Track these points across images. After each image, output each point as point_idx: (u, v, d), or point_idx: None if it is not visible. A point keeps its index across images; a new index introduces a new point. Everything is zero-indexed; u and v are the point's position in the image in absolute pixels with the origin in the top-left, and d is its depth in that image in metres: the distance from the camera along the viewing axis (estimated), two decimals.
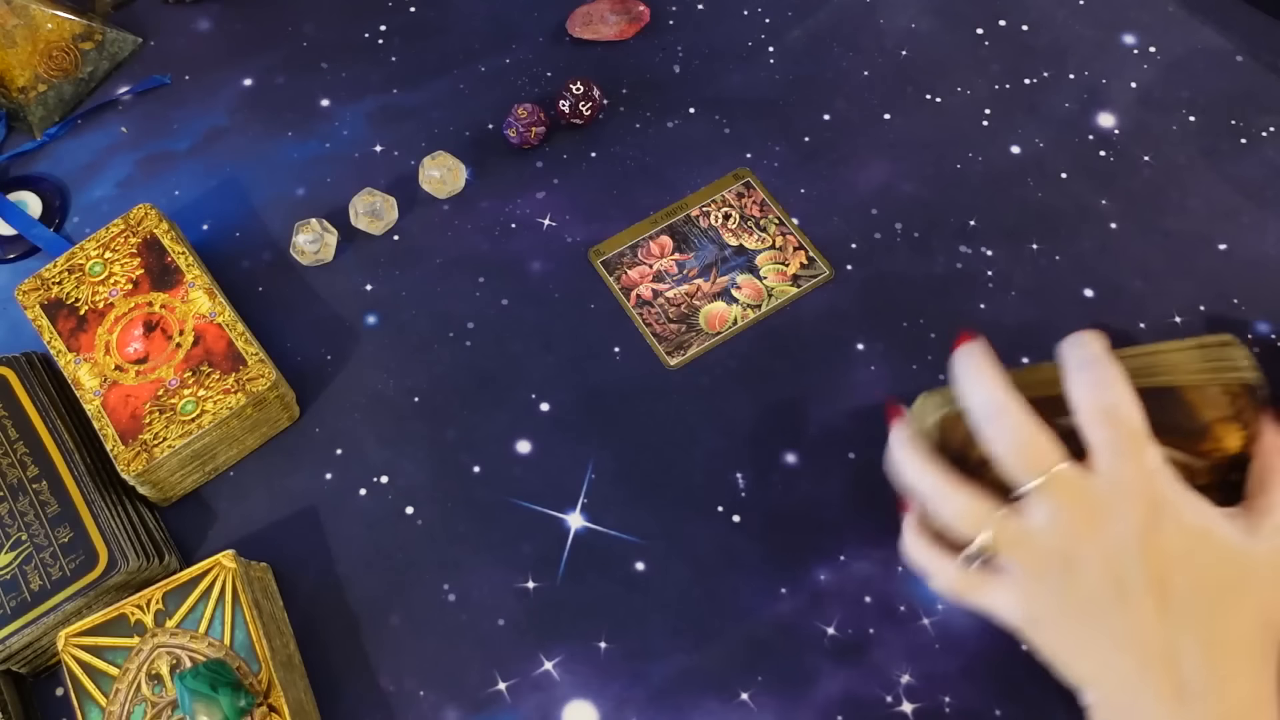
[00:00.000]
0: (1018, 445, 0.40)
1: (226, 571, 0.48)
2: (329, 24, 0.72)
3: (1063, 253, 0.61)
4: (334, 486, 0.56)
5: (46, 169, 0.67)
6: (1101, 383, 0.40)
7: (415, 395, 0.58)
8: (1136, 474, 0.39)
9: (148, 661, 0.47)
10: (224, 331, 0.55)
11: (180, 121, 0.68)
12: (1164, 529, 0.38)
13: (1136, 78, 0.67)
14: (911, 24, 0.70)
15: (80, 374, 0.54)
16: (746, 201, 0.63)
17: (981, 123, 0.66)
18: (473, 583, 0.53)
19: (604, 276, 0.61)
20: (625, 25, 0.69)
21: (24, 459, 0.52)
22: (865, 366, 0.58)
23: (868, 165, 0.64)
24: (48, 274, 0.57)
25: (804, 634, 0.51)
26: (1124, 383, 0.40)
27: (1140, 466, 0.39)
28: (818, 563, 0.52)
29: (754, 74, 0.68)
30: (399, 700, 0.50)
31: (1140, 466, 0.39)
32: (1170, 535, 0.38)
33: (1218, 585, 0.38)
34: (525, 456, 0.56)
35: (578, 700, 0.50)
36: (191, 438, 0.52)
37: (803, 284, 0.60)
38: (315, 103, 0.68)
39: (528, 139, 0.64)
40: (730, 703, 0.50)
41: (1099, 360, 0.41)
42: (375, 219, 0.62)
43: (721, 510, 0.54)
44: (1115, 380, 0.40)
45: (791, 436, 0.56)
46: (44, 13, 0.67)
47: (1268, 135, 0.64)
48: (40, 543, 0.50)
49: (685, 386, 0.58)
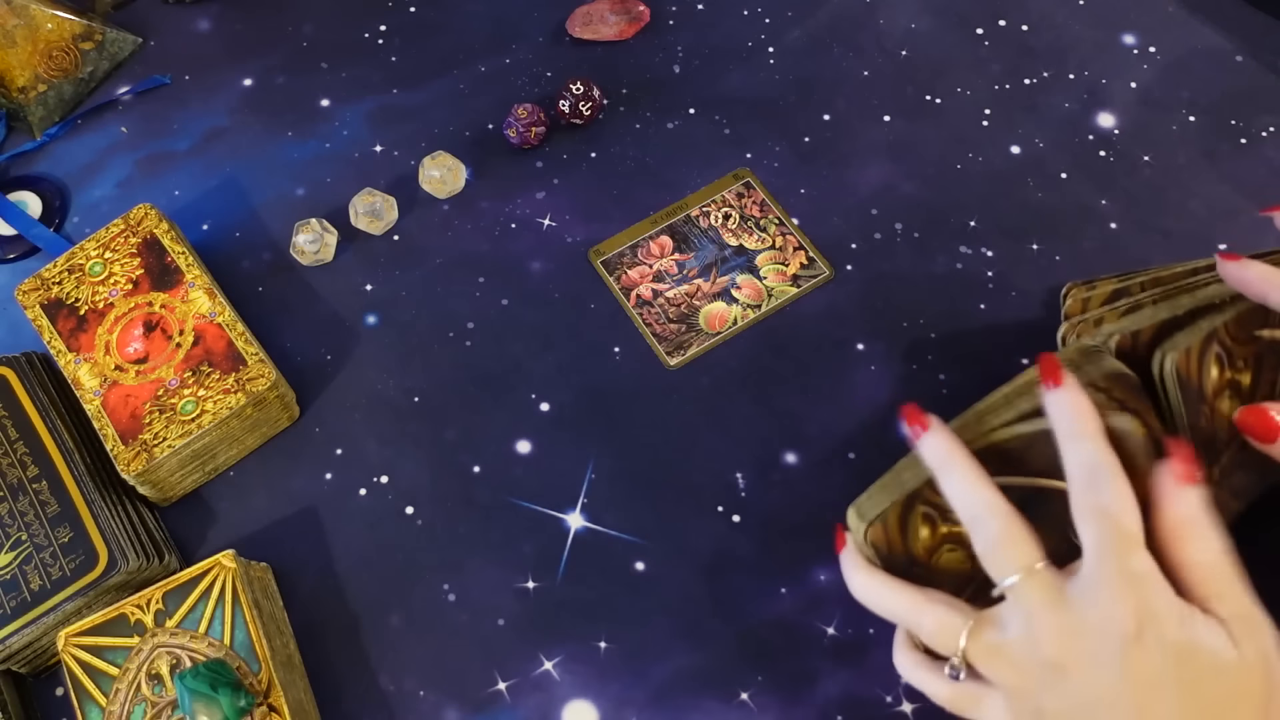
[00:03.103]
0: (996, 540, 0.38)
1: (226, 571, 0.48)
2: (329, 24, 0.72)
3: (1063, 253, 0.61)
4: (334, 486, 0.56)
5: (46, 169, 0.67)
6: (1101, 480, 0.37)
7: (415, 395, 0.58)
8: (1122, 581, 0.36)
9: (148, 661, 0.47)
10: (224, 331, 0.55)
11: (180, 121, 0.68)
12: (1145, 645, 0.35)
13: (1136, 78, 0.67)
14: (911, 24, 0.70)
15: (80, 374, 0.54)
16: (746, 201, 0.63)
17: (981, 123, 0.66)
18: (473, 583, 0.53)
19: (604, 276, 0.61)
20: (625, 25, 0.69)
21: (24, 459, 0.52)
22: (865, 366, 0.58)
23: (868, 165, 0.64)
24: (48, 274, 0.57)
25: (804, 634, 0.51)
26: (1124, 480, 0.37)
27: (1127, 573, 0.36)
28: (818, 563, 0.52)
29: (754, 74, 0.68)
30: (399, 700, 0.50)
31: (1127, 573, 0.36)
32: (1152, 653, 0.35)
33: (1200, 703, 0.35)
34: (525, 456, 0.56)
35: (578, 700, 0.50)
36: (191, 438, 0.52)
37: (803, 284, 0.60)
38: (315, 103, 0.68)
39: (528, 139, 0.64)
40: (730, 703, 0.50)
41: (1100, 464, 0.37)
42: (375, 219, 0.62)
43: (721, 510, 0.54)
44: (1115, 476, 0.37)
45: (791, 436, 0.56)
46: (44, 13, 0.67)
47: (1268, 135, 0.64)
48: (40, 543, 0.50)
49: (685, 386, 0.58)
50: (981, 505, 0.38)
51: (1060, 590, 0.37)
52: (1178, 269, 0.50)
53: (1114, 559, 0.36)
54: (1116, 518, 0.36)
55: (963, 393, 0.56)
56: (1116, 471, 0.37)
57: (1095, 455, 0.38)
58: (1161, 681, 0.35)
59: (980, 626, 0.38)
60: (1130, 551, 0.36)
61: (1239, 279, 0.42)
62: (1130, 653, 0.35)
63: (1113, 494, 0.37)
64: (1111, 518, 0.36)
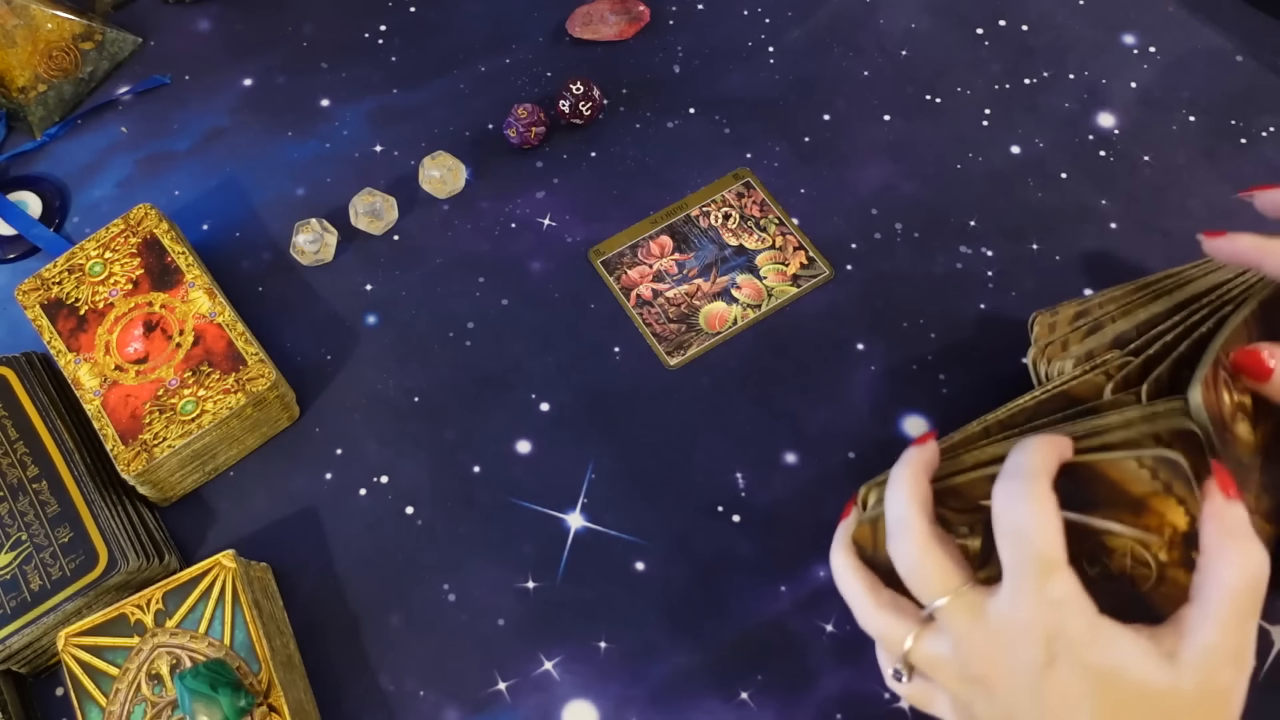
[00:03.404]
0: (919, 567, 0.38)
1: (226, 571, 0.48)
2: (329, 24, 0.72)
3: (1063, 253, 0.61)
4: (334, 486, 0.56)
5: (46, 169, 0.67)
6: (1019, 496, 0.36)
7: (415, 395, 0.58)
8: (1035, 605, 0.35)
9: (148, 661, 0.47)
10: (224, 331, 0.55)
11: (180, 121, 0.68)
12: (1059, 670, 0.35)
13: (1136, 78, 0.67)
14: (911, 24, 0.70)
15: (80, 374, 0.54)
16: (746, 201, 0.63)
17: (981, 123, 0.66)
18: (473, 583, 0.53)
19: (604, 276, 0.61)
20: (625, 25, 0.69)
21: (24, 459, 0.52)
22: (865, 366, 0.58)
23: (868, 165, 0.64)
24: (48, 274, 0.57)
25: (804, 633, 0.51)
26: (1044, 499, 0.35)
27: (1041, 597, 0.35)
28: (818, 562, 0.52)
29: (754, 74, 0.68)
30: (399, 700, 0.50)
31: (1041, 597, 0.35)
32: (1066, 677, 0.34)
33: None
34: (525, 456, 0.56)
35: (578, 700, 0.50)
36: (191, 438, 0.52)
37: (803, 284, 0.60)
38: (315, 103, 0.68)
39: (528, 139, 0.64)
40: (730, 702, 0.50)
41: (1027, 472, 0.36)
42: (375, 219, 0.62)
43: (721, 510, 0.54)
44: (1034, 495, 0.35)
45: (791, 436, 0.56)
46: (44, 13, 0.67)
47: (1268, 135, 0.64)
48: (40, 543, 0.50)
49: (685, 386, 0.58)
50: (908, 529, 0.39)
51: (984, 610, 0.36)
52: (1129, 286, 0.50)
53: (1030, 583, 0.35)
54: (1033, 539, 0.35)
55: (963, 393, 0.57)
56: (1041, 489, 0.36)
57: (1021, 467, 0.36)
58: (1079, 706, 0.34)
59: (920, 639, 0.38)
60: (1048, 576, 0.35)
61: (1231, 252, 0.43)
62: (1045, 676, 0.35)
63: (1032, 511, 0.35)
64: (1028, 539, 0.35)
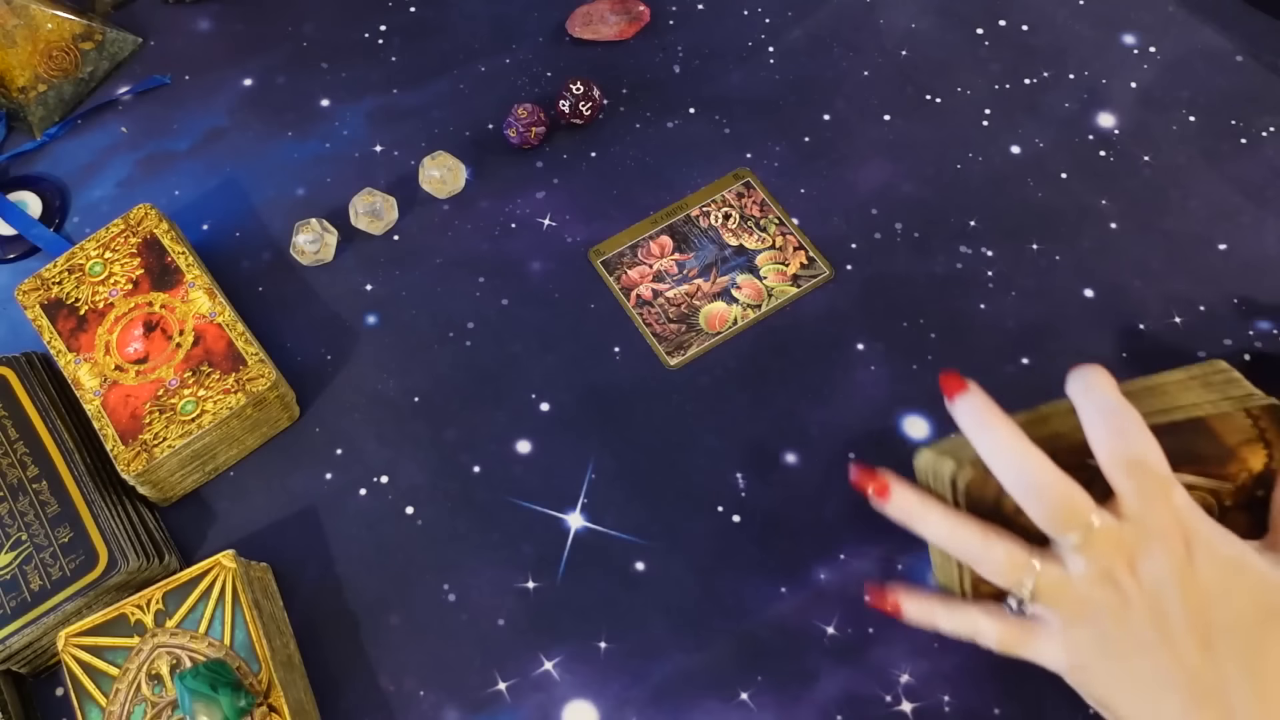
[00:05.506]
0: (1052, 506, 0.40)
1: (226, 571, 0.48)
2: (329, 24, 0.72)
3: (1063, 253, 0.61)
4: (334, 486, 0.56)
5: (46, 169, 0.67)
6: (1123, 431, 0.40)
7: (415, 395, 0.58)
8: (1168, 515, 0.39)
9: (148, 661, 0.47)
10: (224, 331, 0.55)
11: (180, 121, 0.68)
12: (1199, 565, 0.39)
13: (1136, 78, 0.67)
14: (911, 24, 0.70)
15: (80, 374, 0.54)
16: (746, 201, 0.63)
17: (981, 123, 0.66)
18: (473, 583, 0.53)
19: (604, 276, 0.61)
20: (625, 25, 0.69)
21: (24, 459, 0.52)
22: (865, 366, 0.58)
23: (868, 165, 0.64)
24: (48, 274, 0.57)
25: (804, 634, 0.51)
26: (1143, 428, 0.40)
27: (1170, 507, 0.39)
28: (818, 562, 0.52)
29: (754, 74, 0.68)
30: (399, 700, 0.50)
31: (1170, 507, 0.39)
32: (1206, 571, 0.39)
33: (1257, 616, 0.39)
34: (525, 456, 0.56)
35: (578, 700, 0.50)
36: (191, 438, 0.52)
37: (803, 284, 0.60)
38: (315, 103, 0.68)
39: (528, 139, 0.64)
40: (730, 703, 0.50)
41: (1116, 408, 0.40)
42: (375, 219, 0.62)
43: (721, 510, 0.54)
44: (1135, 427, 0.40)
45: (791, 436, 0.56)
46: (44, 13, 0.67)
47: (1268, 135, 0.64)
48: (40, 543, 0.50)
49: (685, 386, 0.58)
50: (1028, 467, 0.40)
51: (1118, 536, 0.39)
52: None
53: (1159, 496, 0.39)
54: (1151, 463, 0.40)
55: None
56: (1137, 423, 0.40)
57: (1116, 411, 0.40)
58: (1220, 590, 0.38)
59: (1048, 562, 0.41)
60: (1171, 489, 0.40)
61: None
62: (1186, 576, 0.38)
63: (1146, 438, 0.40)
64: (1147, 463, 0.40)
